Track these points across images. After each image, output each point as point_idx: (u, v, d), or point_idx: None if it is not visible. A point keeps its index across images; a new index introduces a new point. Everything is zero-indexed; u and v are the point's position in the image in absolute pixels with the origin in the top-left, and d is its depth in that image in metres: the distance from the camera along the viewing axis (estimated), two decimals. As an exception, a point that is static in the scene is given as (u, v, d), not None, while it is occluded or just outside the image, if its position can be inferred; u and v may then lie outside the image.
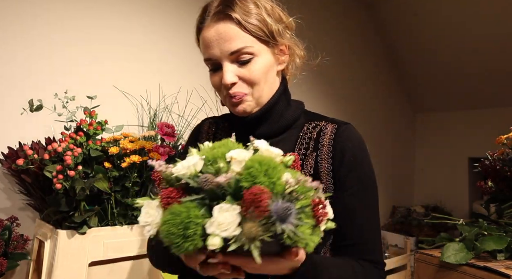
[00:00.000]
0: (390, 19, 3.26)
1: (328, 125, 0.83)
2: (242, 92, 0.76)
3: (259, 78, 0.77)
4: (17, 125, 1.42)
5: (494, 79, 3.05)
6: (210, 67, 0.79)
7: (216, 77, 0.78)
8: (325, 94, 2.89)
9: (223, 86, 0.76)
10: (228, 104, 0.80)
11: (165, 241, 0.47)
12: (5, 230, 1.20)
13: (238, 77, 0.76)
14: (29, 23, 1.49)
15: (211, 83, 0.80)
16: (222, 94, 0.80)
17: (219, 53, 0.75)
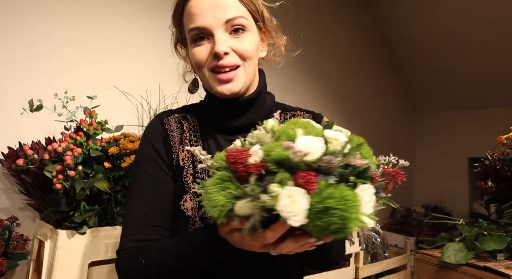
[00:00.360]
0: (390, 19, 3.26)
1: (304, 114, 0.89)
2: (235, 63, 0.72)
3: (251, 52, 0.74)
4: (17, 125, 1.42)
5: (494, 79, 3.05)
6: (195, 37, 0.73)
7: (201, 49, 0.72)
8: (325, 94, 2.89)
9: (211, 58, 0.72)
10: (212, 83, 0.74)
11: (322, 224, 0.45)
12: (5, 230, 1.20)
13: (231, 49, 0.72)
14: (29, 23, 1.49)
15: (193, 58, 0.74)
16: (204, 71, 0.74)
17: (211, 21, 0.70)
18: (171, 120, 0.81)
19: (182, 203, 0.74)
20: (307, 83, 2.74)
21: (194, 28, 0.72)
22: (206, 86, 0.78)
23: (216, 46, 0.70)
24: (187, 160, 0.77)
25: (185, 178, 0.75)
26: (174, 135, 0.79)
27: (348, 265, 1.71)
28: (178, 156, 0.77)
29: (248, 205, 0.48)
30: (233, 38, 0.72)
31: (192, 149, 0.62)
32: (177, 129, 0.79)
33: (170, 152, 0.77)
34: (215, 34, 0.71)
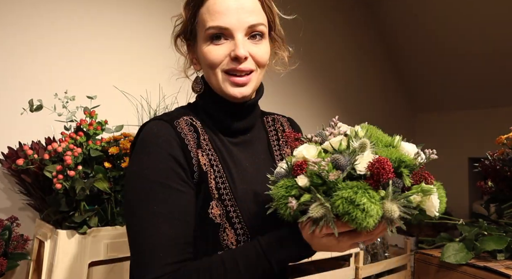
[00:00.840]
0: (390, 19, 3.26)
1: (281, 118, 0.93)
2: (251, 69, 0.72)
3: (265, 60, 0.75)
4: (17, 125, 1.42)
5: (494, 79, 3.05)
6: (212, 36, 0.71)
7: (219, 49, 0.71)
8: (324, 94, 2.89)
9: (228, 59, 0.71)
10: (225, 85, 0.73)
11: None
12: (5, 230, 1.20)
13: (249, 54, 0.72)
14: (29, 23, 1.49)
15: (207, 56, 0.72)
16: (217, 72, 0.72)
17: (235, 22, 0.69)
18: (181, 123, 0.75)
19: (210, 210, 0.71)
20: (306, 83, 2.74)
21: (215, 27, 0.70)
22: (215, 87, 0.76)
23: (238, 49, 0.69)
24: (207, 164, 0.72)
25: (209, 184, 0.71)
26: (189, 139, 0.73)
27: (348, 265, 1.71)
28: (198, 161, 0.72)
29: (395, 206, 0.53)
30: (252, 44, 0.73)
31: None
32: (190, 132, 0.74)
33: (189, 157, 0.71)
34: (236, 37, 0.70)
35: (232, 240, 0.71)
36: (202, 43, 0.73)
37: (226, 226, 0.71)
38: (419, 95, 3.72)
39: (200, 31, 0.74)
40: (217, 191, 0.72)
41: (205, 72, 0.77)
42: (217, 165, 0.73)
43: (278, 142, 0.87)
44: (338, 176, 0.55)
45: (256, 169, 0.79)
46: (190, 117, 0.77)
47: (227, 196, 0.72)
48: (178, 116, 0.76)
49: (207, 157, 0.73)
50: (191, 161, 0.71)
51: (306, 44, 2.81)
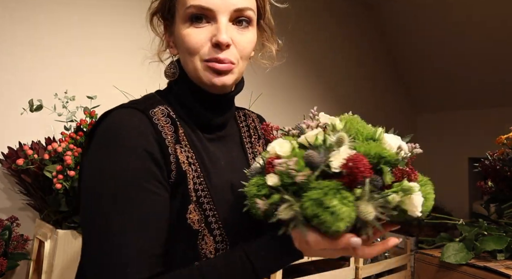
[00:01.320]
0: (390, 19, 3.26)
1: (252, 114, 0.87)
2: (232, 60, 0.63)
3: (249, 50, 0.67)
4: (17, 125, 1.42)
5: (494, 79, 3.05)
6: (192, 16, 0.63)
7: (199, 32, 0.63)
8: (324, 94, 2.89)
9: (209, 46, 0.63)
10: (204, 73, 0.64)
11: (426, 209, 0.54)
12: (5, 230, 1.20)
13: (232, 41, 0.63)
14: (29, 23, 1.49)
15: (186, 40, 0.63)
16: (195, 59, 0.64)
17: (220, 4, 0.62)
18: (157, 114, 0.64)
19: (187, 215, 0.61)
20: (306, 83, 2.73)
21: (196, 6, 0.62)
22: (192, 76, 0.66)
23: (220, 34, 0.61)
24: (186, 163, 0.64)
25: (188, 185, 0.62)
26: (167, 133, 0.62)
27: (348, 265, 1.71)
28: (177, 158, 0.62)
29: (370, 207, 0.48)
30: (236, 30, 0.64)
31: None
32: (167, 124, 0.64)
33: (167, 154, 0.61)
34: (220, 20, 0.62)
35: (211, 249, 0.63)
36: (180, 24, 0.64)
37: (205, 233, 0.62)
38: (419, 95, 3.72)
39: (179, 9, 0.65)
40: (195, 193, 0.63)
41: (182, 58, 0.68)
42: (194, 163, 0.64)
43: (250, 139, 0.81)
44: (307, 176, 0.50)
45: (232, 167, 0.72)
46: (166, 106, 0.67)
47: (205, 198, 0.63)
48: (154, 105, 0.65)
49: (185, 154, 0.64)
50: (169, 158, 0.61)
51: (306, 44, 2.81)
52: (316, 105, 0.78)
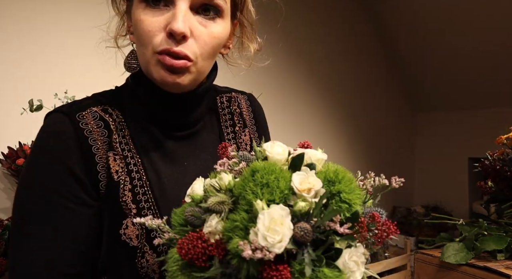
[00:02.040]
0: (390, 19, 3.26)
1: (239, 96, 0.75)
2: (188, 56, 0.52)
3: (213, 47, 0.55)
4: (17, 125, 1.42)
5: (494, 79, 3.05)
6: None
7: (153, 18, 0.52)
8: (324, 94, 2.89)
9: (164, 36, 0.52)
10: (155, 67, 0.53)
11: None
12: (5, 230, 1.20)
13: (191, 33, 0.52)
14: (29, 23, 1.49)
15: (140, 28, 0.53)
16: (147, 51, 0.53)
17: None
18: (87, 117, 0.56)
19: (122, 231, 0.54)
20: (305, 83, 2.73)
21: None
22: (144, 70, 0.57)
23: (176, 22, 0.50)
24: (121, 172, 0.56)
25: (122, 198, 0.55)
26: (95, 139, 0.55)
27: (348, 265, 1.71)
28: (108, 167, 0.55)
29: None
30: (199, 20, 0.53)
31: (143, 220, 0.47)
32: (98, 128, 0.56)
33: (92, 163, 0.54)
34: (178, 4, 0.51)
35: (154, 267, 0.55)
36: (137, 4, 0.54)
37: (145, 250, 0.54)
38: (419, 95, 3.72)
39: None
40: (135, 204, 0.55)
41: (136, 45, 0.58)
42: (138, 171, 0.57)
43: (234, 128, 0.70)
44: (173, 236, 0.46)
45: (201, 166, 0.63)
46: (105, 107, 0.59)
47: (149, 210, 0.56)
48: (85, 107, 0.58)
49: (121, 162, 0.56)
50: (96, 168, 0.54)
51: (305, 44, 2.81)
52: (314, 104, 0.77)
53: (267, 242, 0.35)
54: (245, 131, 0.71)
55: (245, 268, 0.37)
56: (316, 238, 0.38)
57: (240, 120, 0.72)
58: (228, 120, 0.71)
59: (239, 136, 0.71)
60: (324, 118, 2.87)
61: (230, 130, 0.70)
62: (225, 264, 0.40)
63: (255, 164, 0.43)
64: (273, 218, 0.37)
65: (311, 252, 0.38)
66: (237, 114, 0.72)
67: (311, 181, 0.40)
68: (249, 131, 0.72)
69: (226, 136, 0.69)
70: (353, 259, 0.39)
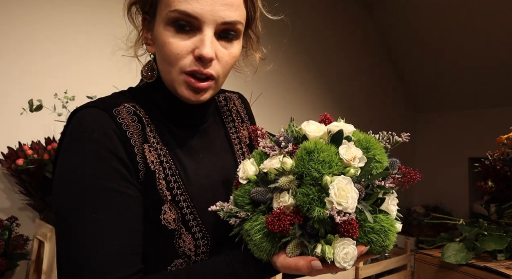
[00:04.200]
0: (390, 19, 3.26)
1: (231, 95, 0.82)
2: (213, 75, 0.59)
3: (232, 65, 0.63)
4: (17, 125, 1.42)
5: (494, 79, 3.05)
6: (176, 22, 0.57)
7: (182, 43, 0.57)
8: (324, 94, 2.89)
9: (191, 58, 0.57)
10: (180, 86, 0.60)
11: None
12: (5, 230, 1.20)
13: (215, 55, 0.59)
14: (30, 24, 1.49)
15: (169, 50, 0.58)
16: (175, 71, 0.59)
17: (207, 14, 0.56)
18: (122, 112, 0.61)
19: (162, 216, 0.60)
20: (305, 83, 2.73)
21: (181, 12, 0.56)
22: (167, 84, 0.63)
23: (204, 48, 0.56)
24: (156, 162, 0.61)
25: (159, 186, 0.60)
26: (132, 132, 0.60)
27: (348, 265, 1.71)
28: (144, 158, 0.60)
29: (296, 247, 0.53)
30: (221, 44, 0.60)
31: (217, 208, 0.59)
32: (133, 123, 0.61)
33: (132, 153, 0.58)
34: (205, 32, 0.56)
35: (190, 246, 0.61)
36: (161, 25, 0.59)
37: (182, 232, 0.60)
38: (419, 95, 3.72)
39: (162, 9, 0.59)
40: (169, 191, 0.61)
41: (160, 63, 0.63)
42: (167, 161, 0.62)
43: (234, 123, 0.77)
44: (246, 213, 0.56)
45: (213, 159, 0.69)
46: (133, 104, 0.64)
47: (181, 196, 0.62)
48: (118, 103, 0.62)
49: (155, 153, 0.61)
50: (135, 158, 0.59)
51: (305, 44, 2.81)
52: (314, 104, 0.78)
53: (342, 206, 0.48)
54: (244, 126, 0.79)
55: (322, 227, 0.50)
56: (366, 194, 0.51)
57: (238, 117, 0.79)
58: (228, 117, 0.78)
59: (239, 130, 0.77)
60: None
61: (232, 125, 0.77)
62: (303, 227, 0.52)
63: (306, 144, 0.53)
64: (340, 187, 0.49)
65: (365, 204, 0.51)
66: (234, 112, 0.79)
67: (353, 151, 0.52)
68: (246, 126, 0.79)
69: (230, 131, 0.77)
70: (392, 203, 0.55)
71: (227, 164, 0.71)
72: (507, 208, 1.03)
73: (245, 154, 0.76)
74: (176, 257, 0.61)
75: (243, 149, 0.76)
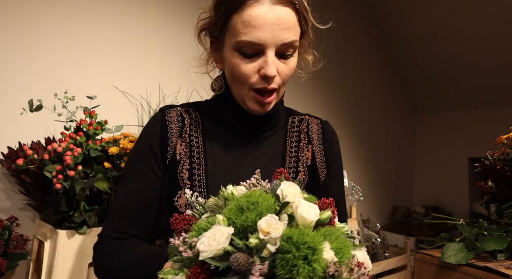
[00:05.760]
0: (389, 19, 3.26)
1: (312, 120, 0.89)
2: (276, 88, 0.70)
3: (290, 75, 0.73)
4: (17, 125, 1.42)
5: (494, 79, 3.05)
6: (243, 50, 0.67)
7: (249, 65, 0.68)
8: (324, 94, 2.89)
9: (257, 77, 0.69)
10: (249, 100, 0.72)
11: None
12: (5, 230, 1.20)
13: (277, 72, 0.69)
14: (30, 24, 1.49)
15: (238, 71, 0.69)
16: (243, 87, 0.71)
17: (269, 39, 0.66)
18: (172, 113, 0.79)
19: (176, 199, 0.72)
20: (305, 83, 2.73)
21: (247, 42, 0.66)
22: (237, 98, 0.75)
23: (269, 69, 0.66)
24: (184, 154, 0.75)
25: (180, 173, 0.74)
26: (172, 128, 0.77)
27: (348, 265, 1.71)
28: (174, 149, 0.75)
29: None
30: (280, 60, 0.70)
31: (189, 193, 0.58)
32: (177, 122, 0.78)
33: (165, 144, 0.75)
34: (268, 54, 0.67)
35: None
36: (229, 50, 0.70)
37: None
38: (419, 95, 3.72)
39: (229, 38, 0.69)
40: (190, 181, 0.73)
41: (229, 78, 0.74)
42: (198, 157, 0.75)
43: (298, 143, 0.84)
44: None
45: (255, 168, 0.74)
46: (187, 109, 0.80)
47: (199, 188, 0.73)
48: (174, 107, 0.80)
49: (187, 147, 0.76)
50: (167, 148, 0.75)
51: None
52: (314, 105, 0.78)
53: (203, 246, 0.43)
54: (308, 148, 0.84)
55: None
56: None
57: (306, 138, 0.85)
58: (295, 137, 0.85)
59: (301, 151, 0.83)
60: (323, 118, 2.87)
61: (294, 145, 0.84)
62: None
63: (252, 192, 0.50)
64: (219, 230, 0.43)
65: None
66: (303, 133, 0.86)
67: (267, 225, 0.43)
68: (313, 149, 0.84)
69: (288, 150, 0.83)
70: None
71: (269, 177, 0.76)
72: (507, 208, 1.03)
73: (299, 174, 0.80)
74: None
75: (298, 167, 0.81)
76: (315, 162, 0.83)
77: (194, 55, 0.84)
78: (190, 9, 2.02)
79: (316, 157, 0.84)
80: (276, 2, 0.66)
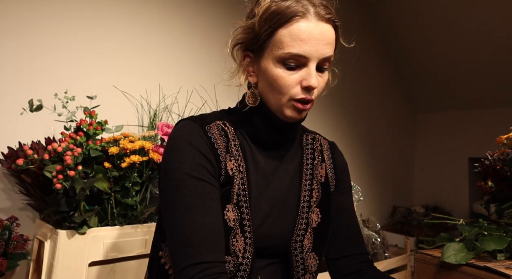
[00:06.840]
0: (390, 19, 3.26)
1: (322, 139, 0.94)
2: (313, 99, 0.75)
3: (323, 87, 0.79)
4: (17, 125, 1.42)
5: (495, 79, 3.05)
6: (287, 61, 0.71)
7: (292, 77, 0.72)
8: (324, 94, 2.89)
9: (298, 88, 0.72)
10: (287, 109, 0.74)
11: None
12: (5, 230, 1.20)
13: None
14: (30, 23, 1.49)
15: (281, 83, 0.72)
16: (283, 97, 0.73)
17: (313, 53, 0.70)
18: (213, 128, 0.77)
19: (225, 212, 0.72)
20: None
21: (294, 54, 0.70)
22: (273, 107, 0.76)
23: (312, 80, 0.71)
24: (235, 169, 0.75)
25: (233, 188, 0.74)
26: (219, 144, 0.75)
27: (348, 265, 1.71)
28: (226, 166, 0.74)
29: None
30: (318, 74, 0.74)
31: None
32: (220, 137, 0.76)
33: (218, 160, 0.74)
34: (310, 66, 0.71)
35: (240, 248, 0.72)
36: (271, 63, 0.72)
37: (237, 232, 0.72)
38: (419, 95, 3.72)
39: (272, 50, 0.72)
40: (237, 196, 0.74)
41: (265, 91, 0.76)
42: (242, 172, 0.76)
43: (313, 161, 0.88)
44: None
45: (278, 186, 0.81)
46: (224, 122, 0.79)
47: (244, 203, 0.74)
48: (211, 121, 0.78)
49: (235, 162, 0.76)
50: (220, 165, 0.74)
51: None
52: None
53: None
54: (322, 165, 0.88)
55: None
56: None
57: (319, 156, 0.89)
58: (310, 154, 0.89)
59: (316, 168, 0.87)
60: (323, 118, 2.87)
61: (310, 162, 0.87)
62: None
63: None
64: None
65: None
66: (317, 151, 0.90)
67: None
68: (326, 167, 0.89)
69: (305, 166, 0.86)
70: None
71: (290, 195, 0.82)
72: (507, 208, 1.03)
73: (313, 191, 0.84)
74: (228, 253, 0.71)
75: (313, 185, 0.85)
76: (328, 179, 0.88)
77: (196, 56, 0.84)
78: (190, 9, 2.02)
79: (328, 173, 0.89)
80: (320, 19, 0.71)
